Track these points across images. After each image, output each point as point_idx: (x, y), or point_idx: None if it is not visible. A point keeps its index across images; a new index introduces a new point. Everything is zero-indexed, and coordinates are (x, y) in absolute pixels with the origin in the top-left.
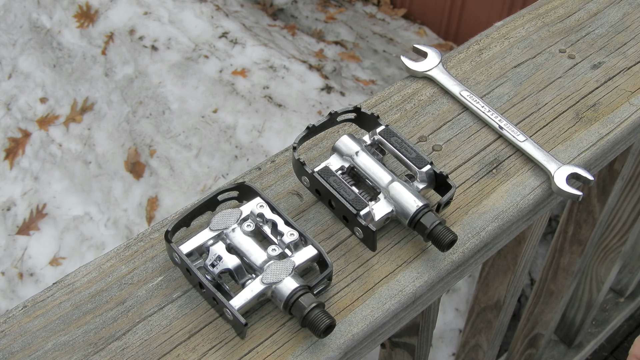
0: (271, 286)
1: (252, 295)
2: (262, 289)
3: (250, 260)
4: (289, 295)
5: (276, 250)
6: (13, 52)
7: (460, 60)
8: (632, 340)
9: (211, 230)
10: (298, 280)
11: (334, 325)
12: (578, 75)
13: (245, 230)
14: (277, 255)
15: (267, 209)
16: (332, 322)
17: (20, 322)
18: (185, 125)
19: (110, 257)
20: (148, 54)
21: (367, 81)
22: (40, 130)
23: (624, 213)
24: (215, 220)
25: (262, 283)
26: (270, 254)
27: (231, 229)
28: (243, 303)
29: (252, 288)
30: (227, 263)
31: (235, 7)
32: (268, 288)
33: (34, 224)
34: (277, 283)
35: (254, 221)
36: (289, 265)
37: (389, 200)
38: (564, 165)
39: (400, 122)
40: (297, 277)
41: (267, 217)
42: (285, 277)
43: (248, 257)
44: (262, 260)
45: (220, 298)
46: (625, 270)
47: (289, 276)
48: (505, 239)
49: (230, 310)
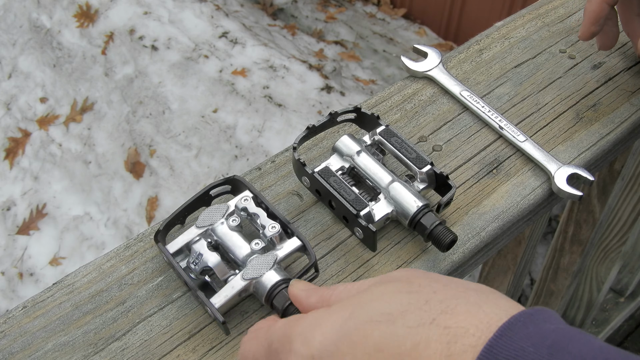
0: (252, 281)
1: (233, 292)
2: (243, 286)
3: (235, 255)
4: (269, 290)
5: (259, 244)
6: (13, 52)
7: (460, 60)
8: (632, 340)
9: (197, 228)
10: (280, 273)
11: None
12: (578, 75)
13: (230, 225)
14: (260, 249)
15: (251, 203)
16: None
17: (20, 323)
18: (185, 125)
19: (110, 258)
20: (148, 53)
21: (367, 81)
22: (40, 130)
23: (624, 213)
24: (202, 217)
25: (243, 279)
26: (254, 248)
27: (218, 224)
28: (223, 301)
29: (233, 285)
30: (207, 260)
31: (235, 7)
32: (249, 284)
33: (34, 224)
34: (258, 278)
35: (239, 216)
36: (271, 259)
37: (389, 201)
38: (564, 165)
39: (401, 122)
40: (279, 271)
41: (251, 210)
42: (267, 271)
43: (232, 252)
44: (245, 254)
45: (201, 296)
46: (625, 270)
47: (270, 270)
48: (505, 239)
49: (210, 309)
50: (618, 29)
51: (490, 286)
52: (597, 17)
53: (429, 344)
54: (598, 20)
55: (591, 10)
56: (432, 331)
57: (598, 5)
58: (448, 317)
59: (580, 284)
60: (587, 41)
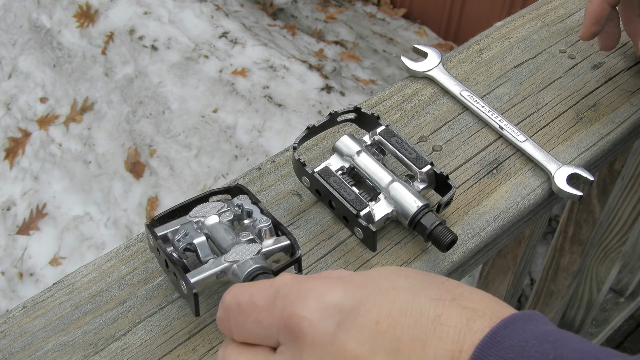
0: (232, 265)
1: (211, 271)
2: (223, 267)
3: (220, 244)
4: (246, 275)
5: (247, 236)
6: (13, 52)
7: (460, 60)
8: (632, 340)
9: (190, 217)
10: (261, 262)
11: None
12: (578, 75)
13: (222, 220)
14: (246, 241)
15: (247, 199)
16: None
17: (20, 323)
18: (185, 125)
19: (110, 258)
20: (148, 53)
21: (367, 81)
22: (40, 130)
23: (624, 213)
24: (195, 210)
25: (224, 261)
26: (241, 239)
27: (210, 217)
28: (200, 277)
29: (212, 263)
30: (192, 238)
31: (235, 7)
32: (229, 267)
33: (34, 224)
34: (239, 262)
35: (233, 212)
36: (255, 248)
37: (389, 201)
38: (564, 165)
39: (401, 122)
40: (261, 260)
41: (246, 206)
42: (249, 257)
43: (219, 243)
44: (231, 243)
45: (176, 270)
46: (625, 270)
47: (252, 257)
48: (505, 239)
49: (185, 282)
50: (620, 30)
51: (490, 286)
52: (597, 17)
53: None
54: (599, 21)
55: (592, 10)
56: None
57: (599, 6)
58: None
59: (580, 284)
60: (588, 41)
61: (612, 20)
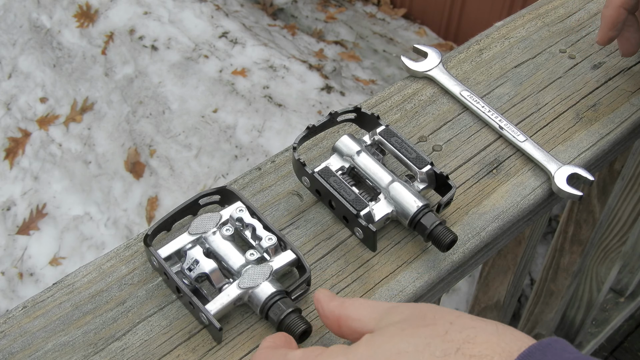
0: (248, 291)
1: (229, 300)
2: (239, 294)
3: (228, 264)
4: (265, 300)
5: (254, 254)
6: (13, 52)
7: (460, 60)
8: (632, 340)
9: (190, 234)
10: (275, 285)
11: (310, 330)
12: (578, 75)
13: (224, 235)
14: (255, 260)
15: (246, 213)
16: (307, 328)
17: (20, 323)
18: (185, 125)
19: (110, 258)
20: (148, 53)
21: (367, 81)
22: (40, 130)
23: (624, 213)
24: (194, 224)
25: (239, 288)
26: (249, 259)
27: (210, 233)
28: (219, 308)
29: (228, 292)
30: (203, 267)
31: (235, 7)
32: (245, 293)
33: (34, 224)
34: (254, 288)
35: (233, 225)
36: (267, 270)
37: (389, 201)
38: (564, 165)
39: (401, 122)
40: (274, 282)
41: (247, 221)
42: (262, 281)
43: (226, 262)
44: (240, 264)
45: (196, 302)
46: (625, 270)
47: (266, 281)
48: (505, 239)
49: (206, 315)
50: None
51: (490, 286)
52: (614, 22)
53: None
54: (615, 25)
55: (608, 15)
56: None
57: (615, 10)
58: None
59: (580, 284)
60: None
61: (631, 26)
